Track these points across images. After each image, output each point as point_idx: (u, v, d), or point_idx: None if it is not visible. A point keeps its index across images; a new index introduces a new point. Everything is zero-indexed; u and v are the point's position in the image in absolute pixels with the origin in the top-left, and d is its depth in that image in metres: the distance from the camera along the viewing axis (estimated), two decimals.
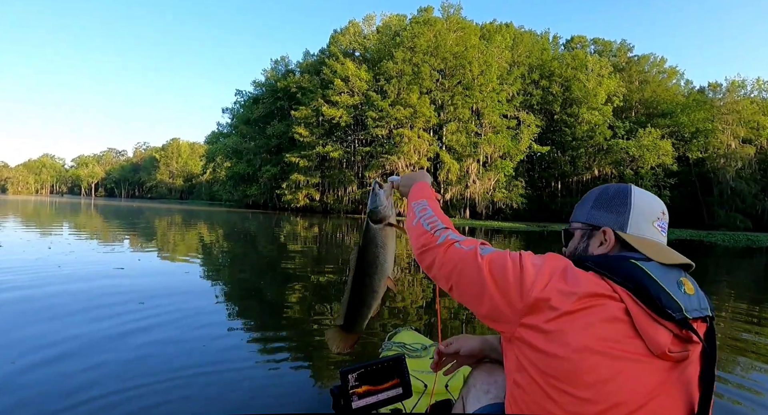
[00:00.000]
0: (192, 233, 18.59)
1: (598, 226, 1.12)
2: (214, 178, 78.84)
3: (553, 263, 1.01)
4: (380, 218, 1.46)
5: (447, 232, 1.22)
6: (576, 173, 46.30)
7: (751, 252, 20.00)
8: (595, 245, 1.12)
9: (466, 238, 1.18)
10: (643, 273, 0.95)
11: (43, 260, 8.81)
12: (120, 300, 5.73)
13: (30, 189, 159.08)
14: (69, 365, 3.54)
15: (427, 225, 1.26)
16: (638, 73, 52.64)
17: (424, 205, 1.36)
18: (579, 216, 1.20)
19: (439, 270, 1.16)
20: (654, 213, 1.09)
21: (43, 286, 6.46)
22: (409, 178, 1.57)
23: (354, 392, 1.45)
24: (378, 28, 50.95)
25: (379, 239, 1.45)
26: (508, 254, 1.06)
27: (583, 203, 1.21)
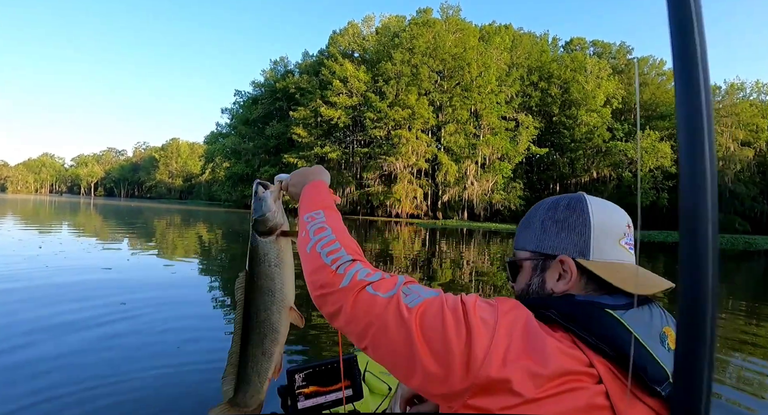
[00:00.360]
0: (190, 233, 18.55)
1: (553, 254, 0.87)
2: (213, 178, 78.79)
3: (509, 318, 0.74)
4: (270, 228, 1.14)
5: (354, 266, 0.88)
6: (575, 175, 46.30)
7: (749, 255, 19.98)
8: (553, 279, 0.86)
9: (381, 274, 0.87)
10: (622, 330, 0.73)
11: (32, 260, 8.78)
12: (101, 299, 5.70)
13: (29, 188, 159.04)
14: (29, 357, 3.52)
15: (326, 255, 0.92)
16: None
17: (321, 222, 1.00)
18: (526, 242, 0.93)
19: (347, 325, 0.85)
20: (619, 229, 0.86)
21: (23, 284, 6.44)
22: (300, 174, 1.21)
23: (301, 392, 1.41)
24: (377, 29, 51.00)
25: (272, 256, 1.13)
26: (444, 304, 0.77)
27: (529, 224, 0.93)
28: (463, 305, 0.76)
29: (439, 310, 0.76)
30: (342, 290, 0.85)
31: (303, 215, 1.04)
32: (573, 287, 0.84)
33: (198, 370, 3.56)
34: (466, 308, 0.75)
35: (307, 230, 0.99)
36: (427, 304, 0.78)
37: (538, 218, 0.91)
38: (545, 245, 0.88)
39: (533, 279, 0.89)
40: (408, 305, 0.78)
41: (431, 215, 44.28)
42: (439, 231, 28.15)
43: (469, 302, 0.77)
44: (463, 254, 15.38)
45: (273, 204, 1.15)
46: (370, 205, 45.34)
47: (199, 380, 3.36)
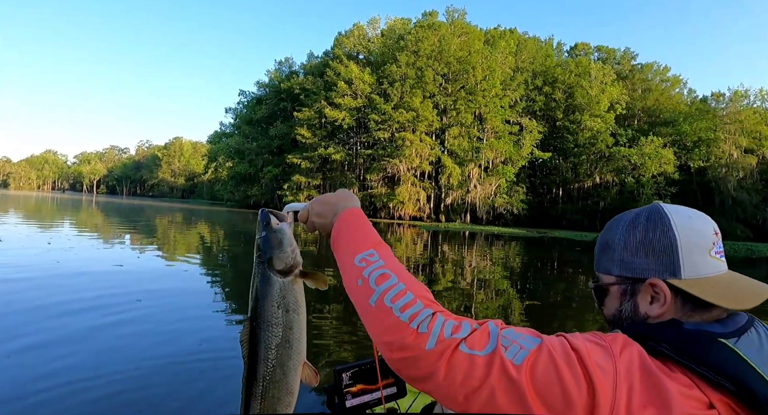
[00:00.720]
0: (193, 232, 18.62)
1: (642, 278, 0.80)
2: (216, 177, 78.97)
3: (625, 361, 0.67)
4: (291, 267, 0.96)
5: (436, 321, 0.74)
6: (577, 180, 46.29)
7: (751, 262, 19.98)
8: (646, 303, 0.80)
9: (469, 324, 0.73)
10: (738, 361, 0.67)
11: (42, 256, 8.86)
12: (117, 296, 5.77)
13: (32, 185, 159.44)
14: (56, 353, 3.59)
15: (399, 311, 0.75)
16: (641, 82, 52.71)
17: (380, 266, 0.83)
18: (609, 266, 0.86)
19: (441, 390, 0.71)
20: (707, 239, 0.79)
21: (38, 280, 6.50)
22: (326, 202, 1.02)
23: (348, 390, 1.41)
24: (382, 31, 51.13)
25: (291, 299, 0.95)
26: (553, 353, 0.67)
27: (609, 246, 0.86)
28: (576, 351, 0.67)
29: (550, 361, 0.66)
30: (430, 353, 0.70)
31: (353, 257, 0.86)
32: (668, 309, 0.77)
33: (226, 365, 3.65)
34: (580, 355, 0.67)
35: (364, 277, 0.82)
36: (535, 356, 0.67)
37: (619, 239, 0.83)
38: (631, 268, 0.81)
39: (624, 305, 0.83)
40: (513, 361, 0.67)
41: (434, 218, 44.31)
42: (441, 234, 28.19)
43: (582, 348, 0.68)
44: (465, 257, 15.42)
45: (293, 238, 0.99)
46: (373, 207, 45.38)
47: (229, 375, 3.44)
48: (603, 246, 0.87)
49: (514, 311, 7.06)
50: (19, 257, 8.53)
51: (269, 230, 0.97)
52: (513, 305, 7.64)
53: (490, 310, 6.98)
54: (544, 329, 0.73)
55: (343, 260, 0.88)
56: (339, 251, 0.90)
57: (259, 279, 0.95)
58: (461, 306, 6.99)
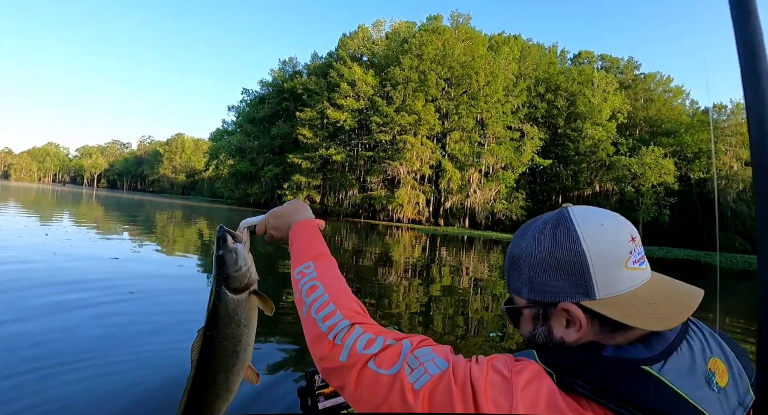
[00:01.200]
0: (192, 229, 18.65)
1: (553, 302, 0.71)
2: (217, 175, 79.00)
3: (528, 398, 0.61)
4: (245, 285, 1.00)
5: (352, 333, 0.75)
6: (577, 188, 46.35)
7: (748, 275, 20.00)
8: (561, 327, 0.72)
9: (383, 341, 0.73)
10: (665, 392, 0.61)
11: (39, 246, 8.90)
12: (110, 288, 5.79)
13: (33, 176, 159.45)
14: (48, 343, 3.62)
15: (321, 321, 0.78)
16: (644, 91, 52.81)
17: (312, 278, 0.87)
18: (518, 286, 0.77)
19: (354, 403, 0.72)
20: (622, 247, 0.69)
21: (32, 270, 6.53)
22: (280, 215, 1.07)
23: (320, 392, 1.40)
24: (387, 34, 51.27)
25: (242, 315, 1.00)
26: (452, 383, 0.63)
27: (516, 263, 0.76)
28: (473, 385, 0.63)
29: (446, 391, 0.63)
30: (343, 366, 0.72)
31: (294, 270, 0.92)
32: (586, 333, 0.69)
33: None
34: (475, 390, 0.62)
35: (299, 289, 0.87)
36: (435, 383, 0.64)
37: (526, 254, 0.74)
38: (541, 290, 0.72)
39: (537, 329, 0.75)
40: (414, 385, 0.65)
41: (433, 221, 44.35)
42: (440, 237, 28.22)
43: (480, 381, 0.63)
44: (463, 261, 15.45)
45: (248, 256, 1.02)
46: (372, 209, 45.42)
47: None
48: (511, 262, 0.78)
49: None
50: (16, 246, 8.57)
51: (225, 249, 1.00)
52: None
53: (485, 316, 7.01)
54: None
55: (292, 273, 0.92)
56: (291, 265, 0.94)
57: (215, 296, 0.99)
58: (457, 311, 7.01)
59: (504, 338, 5.55)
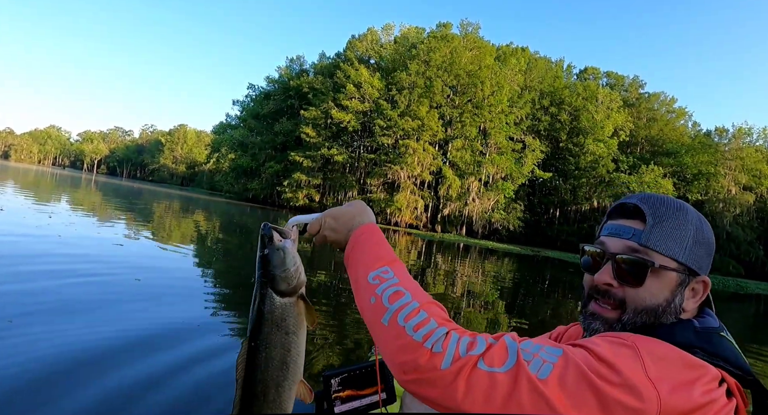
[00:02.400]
0: (191, 220, 18.72)
1: (697, 273, 0.82)
2: (217, 168, 78.97)
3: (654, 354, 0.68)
4: (294, 288, 0.92)
5: (451, 339, 0.70)
6: (575, 202, 46.55)
7: (739, 298, 20.18)
8: (688, 297, 0.82)
9: (484, 341, 0.70)
10: (735, 351, 0.77)
11: (44, 229, 8.99)
12: (117, 275, 5.89)
13: (33, 158, 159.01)
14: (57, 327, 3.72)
15: (413, 330, 0.71)
16: (647, 110, 53.13)
17: (394, 284, 0.80)
18: (675, 248, 0.80)
19: (467, 410, 0.66)
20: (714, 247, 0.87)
21: (40, 250, 6.61)
22: (340, 217, 0.99)
23: (337, 396, 1.38)
24: (396, 38, 51.44)
25: (292, 321, 0.91)
26: (581, 365, 0.65)
27: (681, 228, 0.81)
28: (603, 361, 0.65)
29: (578, 373, 0.64)
30: (446, 373, 0.66)
31: (367, 274, 0.83)
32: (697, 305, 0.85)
33: (210, 368, 3.77)
34: (609, 363, 0.65)
35: (377, 294, 0.79)
36: (560, 370, 0.64)
37: (689, 226, 0.81)
38: (695, 260, 0.81)
39: (676, 297, 0.81)
40: (538, 376, 0.63)
41: (430, 227, 44.46)
42: (436, 243, 28.33)
43: (606, 354, 0.66)
44: (458, 268, 15.56)
45: (297, 256, 0.94)
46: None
47: (214, 378, 3.56)
48: (674, 226, 0.81)
49: (502, 327, 7.19)
50: (21, 228, 8.65)
51: (272, 247, 0.92)
52: (500, 320, 7.77)
53: (477, 323, 7.11)
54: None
55: (356, 277, 0.85)
56: (352, 268, 0.88)
57: (260, 299, 0.91)
58: (460, 314, 7.09)
59: None
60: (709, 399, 0.66)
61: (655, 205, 0.82)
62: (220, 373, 3.46)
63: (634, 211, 0.84)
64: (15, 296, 4.53)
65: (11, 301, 4.37)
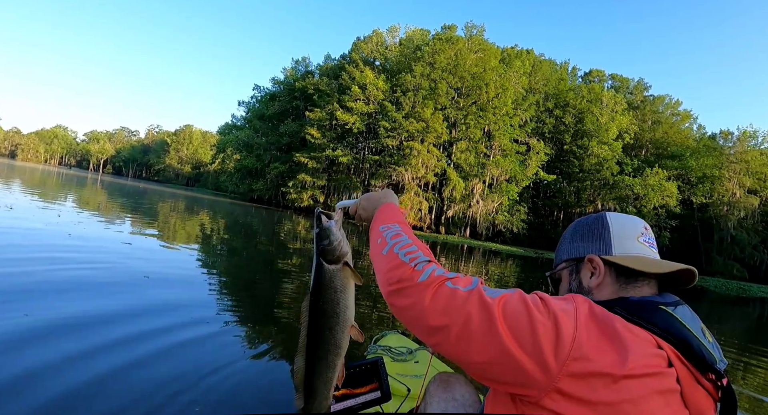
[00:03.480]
0: (196, 219, 18.91)
1: (582, 257, 1.01)
2: (222, 168, 79.34)
3: (586, 307, 0.82)
4: (337, 257, 1.17)
5: (431, 265, 0.90)
6: (579, 205, 46.56)
7: (742, 301, 20.17)
8: (587, 277, 0.99)
9: (457, 274, 0.90)
10: (678, 324, 0.83)
11: (53, 227, 9.18)
12: (126, 275, 6.06)
13: (39, 158, 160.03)
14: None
15: (404, 255, 0.92)
16: (652, 113, 53.04)
17: (397, 230, 1.03)
18: (561, 256, 1.09)
19: (421, 318, 0.84)
20: (636, 229, 1.00)
21: (52, 247, 6.78)
22: (371, 198, 1.27)
23: (332, 395, 1.42)
24: (401, 40, 51.60)
25: (338, 282, 1.16)
26: (524, 296, 0.82)
27: (561, 242, 1.11)
28: (542, 299, 0.83)
29: (520, 300, 0.81)
30: (420, 284, 0.86)
31: (378, 226, 1.10)
32: (604, 280, 0.96)
33: (213, 364, 3.92)
34: (545, 300, 0.82)
35: (383, 236, 1.04)
36: (508, 296, 0.83)
37: (567, 235, 1.09)
38: (574, 251, 1.04)
39: (572, 282, 1.03)
40: (490, 296, 0.82)
41: (434, 229, 44.57)
42: (440, 245, 28.43)
43: (546, 296, 0.84)
44: (462, 270, 15.68)
45: (339, 233, 1.19)
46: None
47: (216, 375, 3.71)
48: (558, 246, 1.12)
49: None
50: (31, 226, 8.82)
51: (321, 227, 1.18)
52: None
53: None
54: None
55: (372, 231, 1.13)
56: (372, 230, 1.15)
57: (315, 266, 1.17)
58: None
59: None
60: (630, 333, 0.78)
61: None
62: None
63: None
64: (28, 291, 4.69)
65: (20, 289, 4.53)
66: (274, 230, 20.37)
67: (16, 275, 5.20)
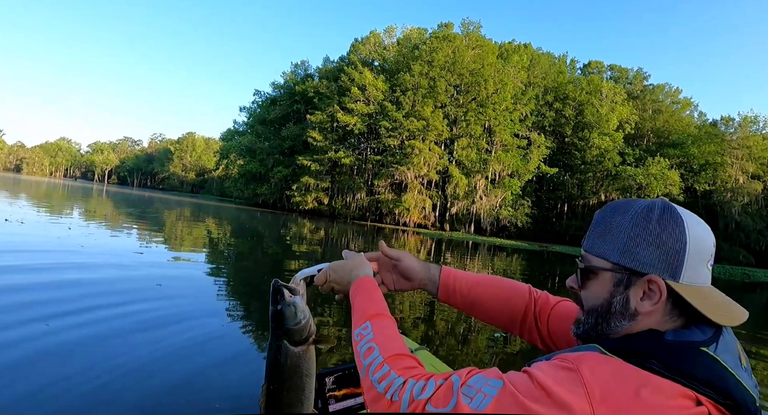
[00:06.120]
0: (202, 226, 19.22)
1: (642, 272, 0.76)
2: (226, 174, 79.87)
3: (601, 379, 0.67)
4: (306, 337, 1.01)
5: (406, 388, 0.78)
6: (582, 197, 46.62)
7: (748, 287, 20.28)
8: (637, 298, 0.77)
9: (434, 383, 0.76)
10: (723, 372, 0.70)
11: (65, 239, 9.50)
12: (137, 282, 6.34)
13: (44, 171, 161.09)
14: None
15: (378, 383, 0.82)
16: (652, 102, 53.00)
17: (369, 340, 0.90)
18: (607, 250, 0.80)
19: None
20: (709, 249, 0.78)
21: (66, 260, 7.08)
22: (339, 270, 1.11)
23: (332, 394, 1.40)
24: (398, 40, 51.80)
25: (305, 366, 1.02)
26: (518, 394, 0.67)
27: (611, 229, 0.81)
28: (542, 387, 0.67)
29: (514, 402, 0.67)
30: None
31: (354, 331, 0.96)
32: (659, 309, 0.76)
33: (214, 364, 4.18)
34: (547, 390, 0.66)
35: (357, 351, 0.91)
36: (498, 401, 0.68)
37: (625, 226, 0.79)
38: (634, 259, 0.77)
39: (616, 296, 0.79)
40: (477, 410, 0.69)
41: (438, 226, 44.77)
42: (445, 242, 28.65)
43: (546, 381, 0.67)
44: (468, 265, 15.90)
45: (306, 309, 1.02)
46: (379, 212, 45.90)
47: (217, 376, 3.99)
48: (603, 227, 0.83)
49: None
50: (44, 239, 9.13)
51: (284, 303, 1.00)
52: None
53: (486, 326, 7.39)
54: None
55: (353, 334, 0.97)
56: (352, 316, 1.01)
57: (275, 350, 1.00)
58: (459, 316, 7.43)
59: (508, 341, 5.87)
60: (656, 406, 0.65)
61: (602, 212, 0.85)
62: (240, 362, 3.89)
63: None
64: (50, 301, 4.97)
65: (40, 302, 4.82)
66: (280, 233, 20.66)
67: (35, 289, 5.49)
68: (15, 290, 5.20)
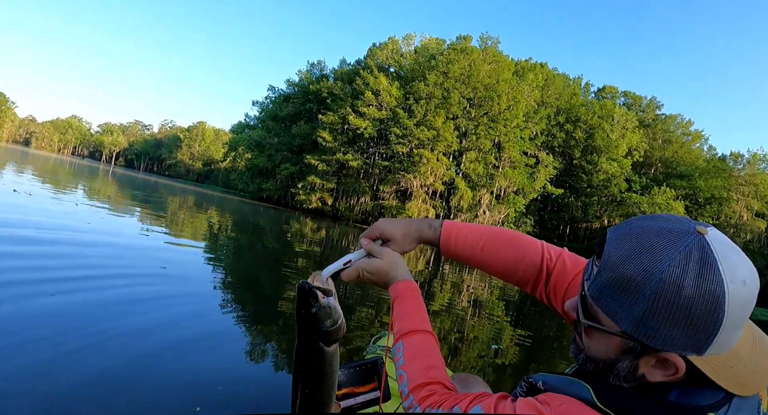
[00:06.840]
0: (206, 216, 19.31)
1: (657, 349, 0.61)
2: (233, 167, 79.96)
3: None
4: (341, 336, 1.00)
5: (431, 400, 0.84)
6: (586, 220, 46.59)
7: None
8: (648, 366, 0.64)
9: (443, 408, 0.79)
10: None
11: (72, 215, 9.60)
12: (144, 264, 6.41)
13: (53, 147, 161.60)
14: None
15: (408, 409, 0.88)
16: (663, 132, 53.04)
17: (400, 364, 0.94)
18: (619, 313, 0.62)
19: None
20: (749, 309, 0.60)
21: (74, 235, 7.17)
22: (375, 270, 1.08)
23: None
24: (416, 48, 51.97)
25: (335, 364, 1.02)
26: None
27: (628, 289, 0.60)
28: None
29: None
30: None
31: (393, 347, 0.99)
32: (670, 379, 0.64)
33: (213, 363, 4.25)
34: None
35: (396, 364, 0.97)
36: None
37: (646, 294, 0.59)
38: (651, 336, 0.60)
39: (622, 362, 0.65)
40: None
41: None
42: None
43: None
44: (465, 279, 15.94)
45: (339, 308, 0.99)
46: (381, 218, 45.85)
47: (216, 374, 4.06)
48: (618, 284, 0.62)
49: (505, 339, 7.42)
50: (52, 214, 9.22)
51: (318, 306, 0.96)
52: (505, 331, 8.06)
53: (481, 336, 7.43)
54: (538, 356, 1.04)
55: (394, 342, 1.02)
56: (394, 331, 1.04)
57: (311, 353, 0.97)
58: (453, 327, 7.47)
59: (500, 354, 5.87)
60: None
61: (617, 250, 0.63)
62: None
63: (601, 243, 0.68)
64: (57, 273, 5.06)
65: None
66: (282, 230, 20.74)
67: (46, 257, 5.58)
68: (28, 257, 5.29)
